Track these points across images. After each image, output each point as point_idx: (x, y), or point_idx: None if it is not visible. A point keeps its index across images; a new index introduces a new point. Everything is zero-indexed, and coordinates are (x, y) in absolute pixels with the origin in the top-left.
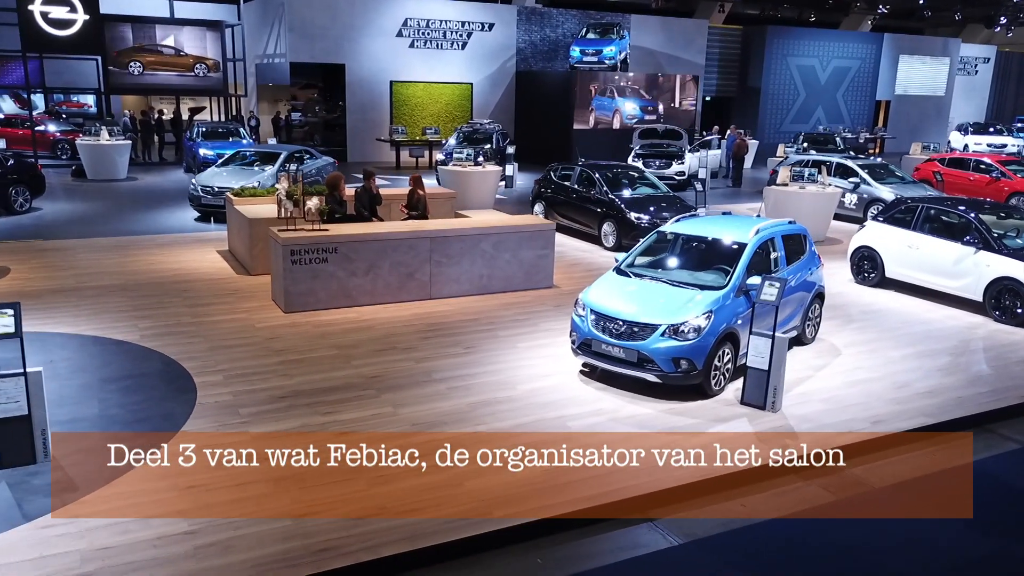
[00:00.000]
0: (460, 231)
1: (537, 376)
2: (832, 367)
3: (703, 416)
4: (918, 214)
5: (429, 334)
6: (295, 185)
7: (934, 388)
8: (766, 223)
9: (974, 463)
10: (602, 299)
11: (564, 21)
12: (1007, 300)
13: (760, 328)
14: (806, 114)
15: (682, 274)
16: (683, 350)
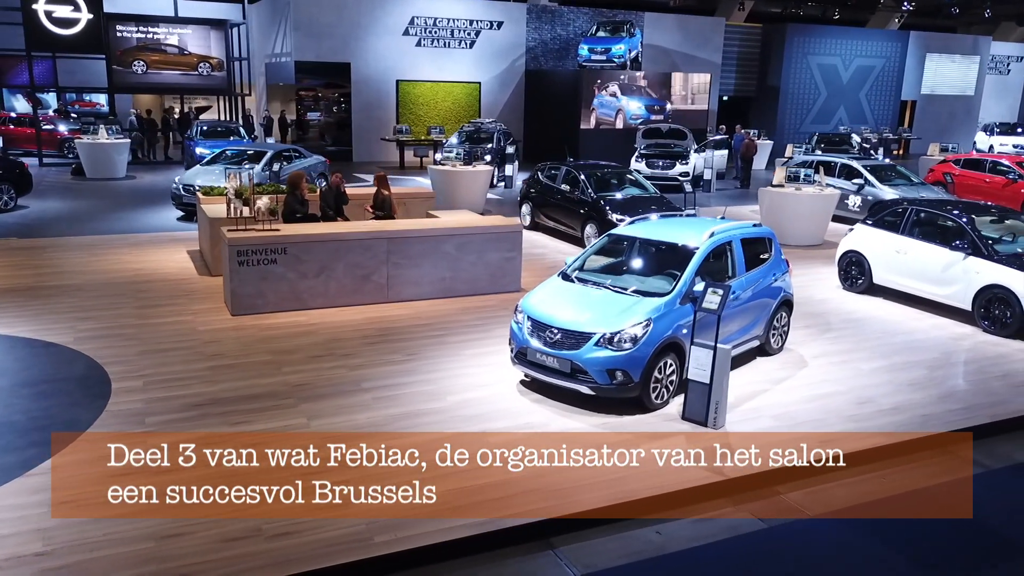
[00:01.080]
0: (420, 232)
1: (473, 386)
2: (794, 380)
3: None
4: (907, 217)
5: (375, 339)
6: (245, 185)
7: (900, 404)
8: (723, 226)
9: (922, 490)
10: (540, 305)
11: (575, 19)
12: (996, 310)
13: (703, 338)
14: (827, 114)
15: (629, 279)
16: (618, 361)
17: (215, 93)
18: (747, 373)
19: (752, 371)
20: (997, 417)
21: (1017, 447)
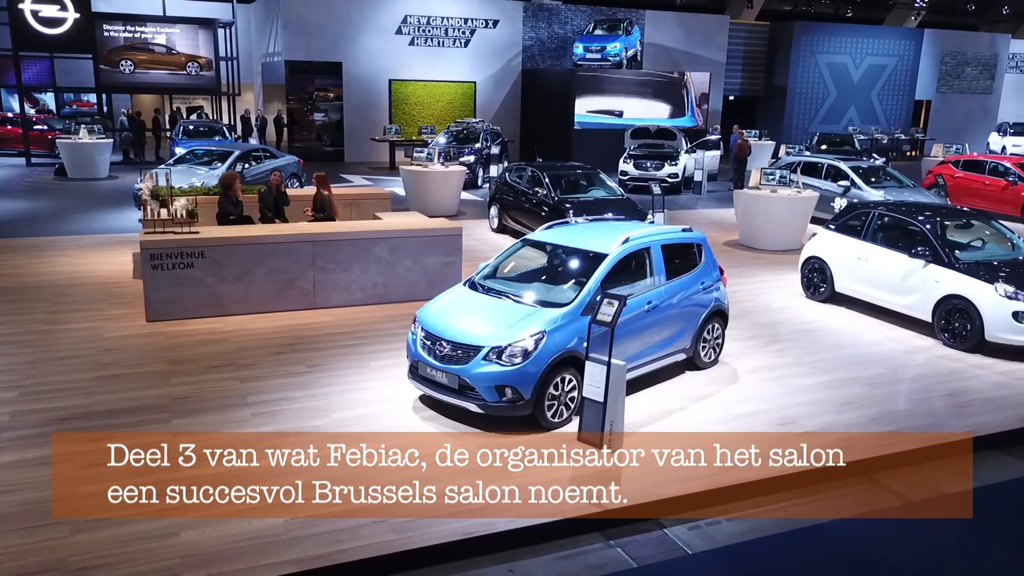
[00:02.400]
0: (349, 235)
1: (366, 402)
2: (717, 397)
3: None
4: (869, 221)
5: (284, 349)
6: (161, 186)
7: (825, 426)
8: (641, 231)
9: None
10: (435, 315)
11: (573, 17)
12: (957, 322)
13: (603, 352)
14: (837, 114)
15: (536, 288)
16: (507, 376)
17: (203, 93)
18: (669, 389)
19: (675, 387)
20: (929, 442)
21: (945, 476)
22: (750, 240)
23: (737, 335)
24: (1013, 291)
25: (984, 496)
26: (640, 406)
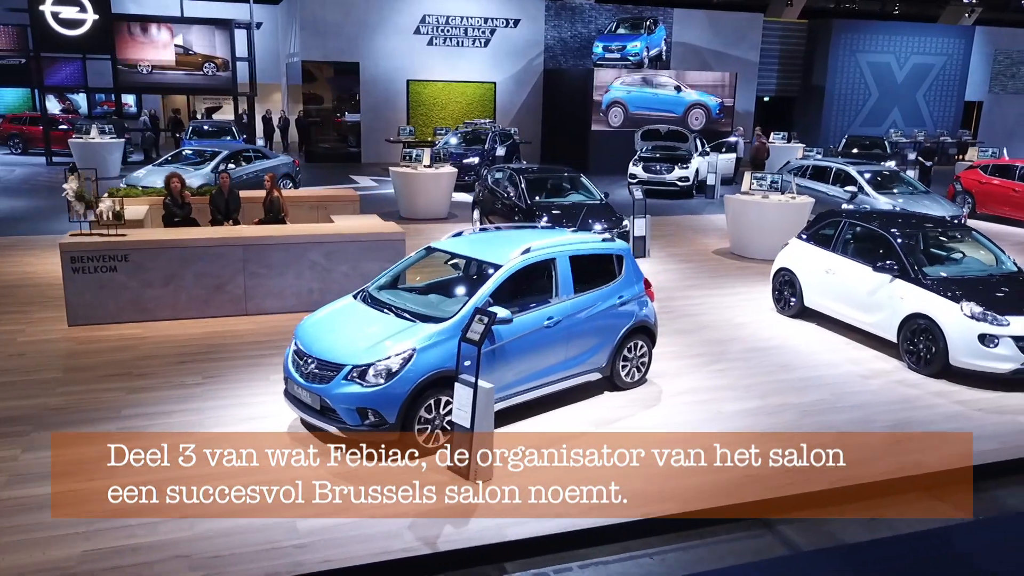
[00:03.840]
0: (281, 239)
1: (241, 420)
2: (624, 423)
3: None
4: (839, 231)
5: (191, 357)
6: (83, 185)
7: (736, 461)
8: (545, 241)
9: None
10: (311, 328)
11: (597, 16)
12: (921, 343)
13: (491, 372)
14: (879, 116)
15: (422, 301)
16: (368, 398)
17: (220, 93)
18: (577, 411)
19: (584, 409)
20: (839, 483)
21: (840, 527)
22: (740, 248)
23: (682, 352)
24: (981, 312)
25: (888, 550)
26: (537, 430)
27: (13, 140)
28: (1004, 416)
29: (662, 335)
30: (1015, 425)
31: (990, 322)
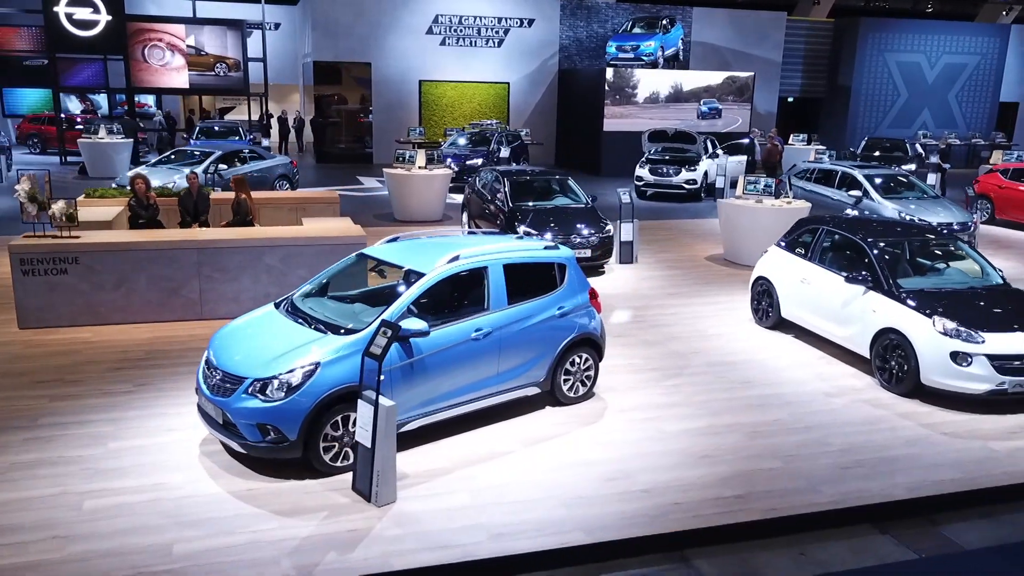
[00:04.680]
0: (236, 242)
1: (155, 431)
2: (555, 441)
3: (276, 502)
4: (817, 239)
5: (130, 363)
6: (36, 187)
7: (662, 486)
8: (479, 248)
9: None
10: (223, 337)
11: (614, 15)
12: (893, 360)
13: (403, 388)
14: (908, 117)
15: (342, 311)
16: (268, 413)
17: (232, 93)
18: (510, 428)
19: (519, 426)
20: (770, 513)
21: (764, 562)
22: (733, 255)
23: (641, 365)
24: (954, 328)
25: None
26: (462, 447)
27: (32, 140)
28: (973, 442)
29: (625, 346)
30: (983, 452)
31: (963, 339)
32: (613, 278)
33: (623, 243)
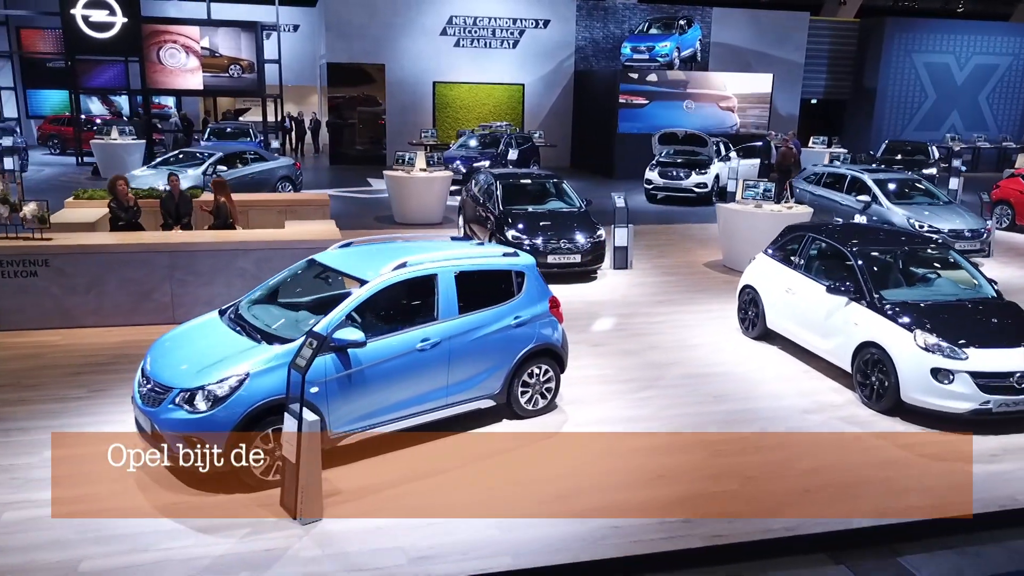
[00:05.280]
0: (209, 245)
1: (94, 440)
2: (503, 458)
3: (200, 517)
4: (803, 246)
5: (94, 368)
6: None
7: (605, 508)
8: (428, 255)
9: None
10: (161, 344)
11: (631, 16)
12: (874, 375)
13: (340, 401)
14: (936, 120)
15: (285, 319)
16: (194, 425)
17: (246, 95)
18: (459, 443)
19: (470, 441)
20: (718, 540)
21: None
22: (732, 261)
23: (614, 375)
24: (935, 343)
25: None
26: (404, 462)
27: (52, 141)
28: (950, 465)
29: (600, 356)
30: (960, 477)
31: (945, 355)
32: (604, 284)
33: (617, 248)
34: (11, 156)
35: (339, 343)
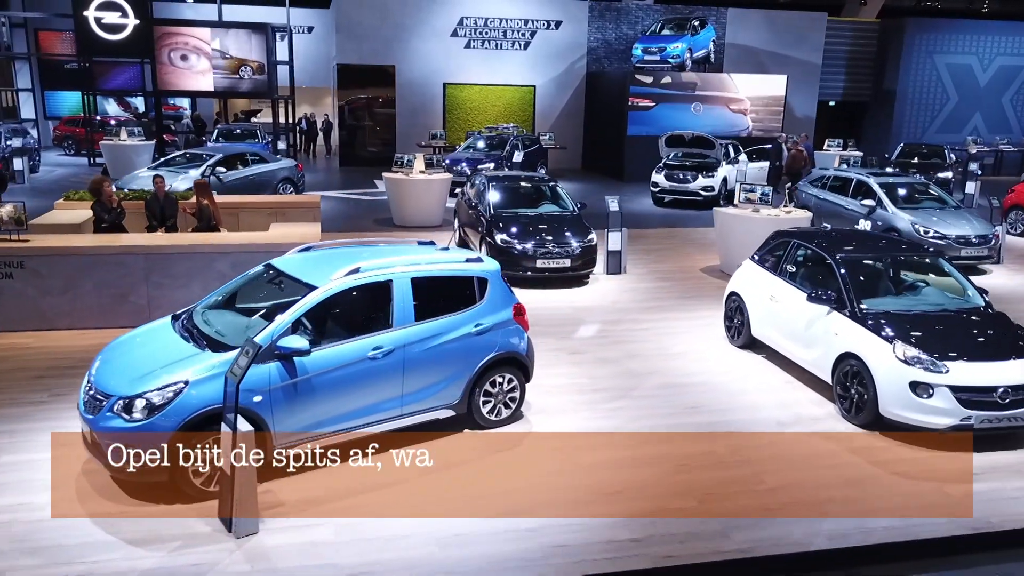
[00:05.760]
0: (185, 248)
1: (44, 446)
2: (457, 471)
3: (133, 530)
4: (787, 252)
5: (59, 372)
6: None
7: (555, 525)
8: (387, 260)
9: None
10: (109, 349)
11: (644, 17)
12: (853, 388)
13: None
14: (958, 122)
15: (234, 326)
16: (131, 435)
17: (257, 96)
18: (414, 453)
19: (425, 451)
20: (667, 561)
21: None
22: (729, 267)
23: (588, 384)
24: (915, 355)
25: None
26: (352, 474)
27: (67, 142)
28: (925, 484)
29: (576, 364)
30: (933, 496)
31: (924, 367)
32: (594, 289)
33: (610, 253)
34: (21, 157)
35: (283, 351)
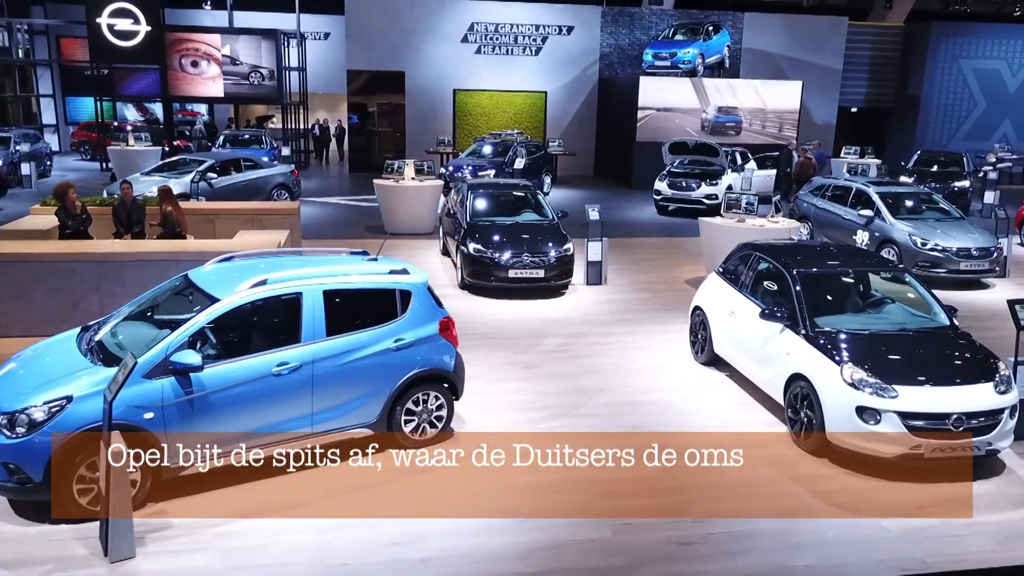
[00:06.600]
0: (139, 255)
1: None
2: (364, 494)
3: (6, 552)
4: (749, 266)
5: None
6: None
7: (449, 556)
8: (298, 272)
9: None
10: (9, 363)
11: (657, 22)
12: (803, 411)
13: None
14: (986, 129)
15: (137, 339)
16: (11, 451)
17: (267, 102)
18: (323, 474)
19: (336, 473)
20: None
21: None
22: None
23: (533, 401)
24: (862, 378)
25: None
26: (250, 495)
27: (84, 147)
28: (864, 518)
29: (526, 379)
30: (869, 532)
31: (873, 391)
32: (569, 301)
33: (590, 263)
34: (29, 162)
35: (177, 366)
